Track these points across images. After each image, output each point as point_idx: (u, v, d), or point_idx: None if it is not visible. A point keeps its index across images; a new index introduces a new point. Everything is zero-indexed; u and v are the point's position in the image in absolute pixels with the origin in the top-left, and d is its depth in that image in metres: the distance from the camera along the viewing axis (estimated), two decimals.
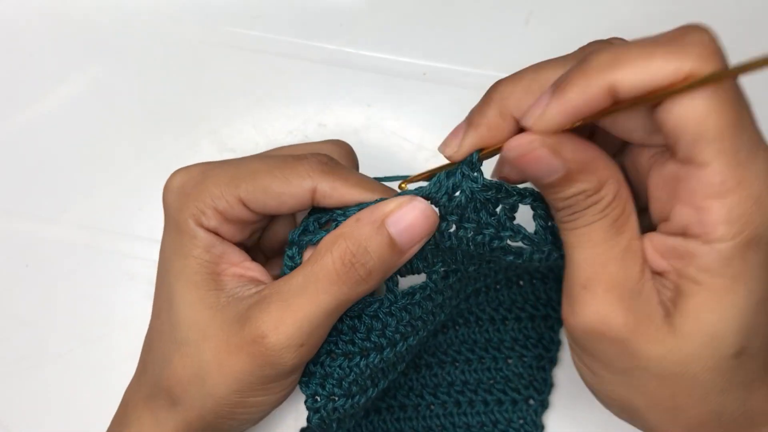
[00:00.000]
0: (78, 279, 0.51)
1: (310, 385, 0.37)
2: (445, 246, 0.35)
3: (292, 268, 0.36)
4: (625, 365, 0.30)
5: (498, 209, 0.35)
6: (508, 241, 0.36)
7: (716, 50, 0.26)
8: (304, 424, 0.47)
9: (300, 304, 0.34)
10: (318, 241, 0.35)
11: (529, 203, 0.35)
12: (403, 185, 0.37)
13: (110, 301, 0.51)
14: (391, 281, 0.36)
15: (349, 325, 0.37)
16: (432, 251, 0.36)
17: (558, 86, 0.29)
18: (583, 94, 0.28)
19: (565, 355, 0.48)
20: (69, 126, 0.54)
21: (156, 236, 0.39)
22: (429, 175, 0.36)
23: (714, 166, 0.27)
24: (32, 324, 0.51)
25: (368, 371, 0.37)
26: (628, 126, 0.31)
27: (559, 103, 0.28)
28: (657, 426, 0.32)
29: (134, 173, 0.53)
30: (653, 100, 0.27)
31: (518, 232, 0.35)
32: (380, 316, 0.36)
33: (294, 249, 0.36)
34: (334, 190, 0.35)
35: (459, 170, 0.33)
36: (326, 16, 0.55)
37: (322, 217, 0.36)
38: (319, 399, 0.37)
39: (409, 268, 0.36)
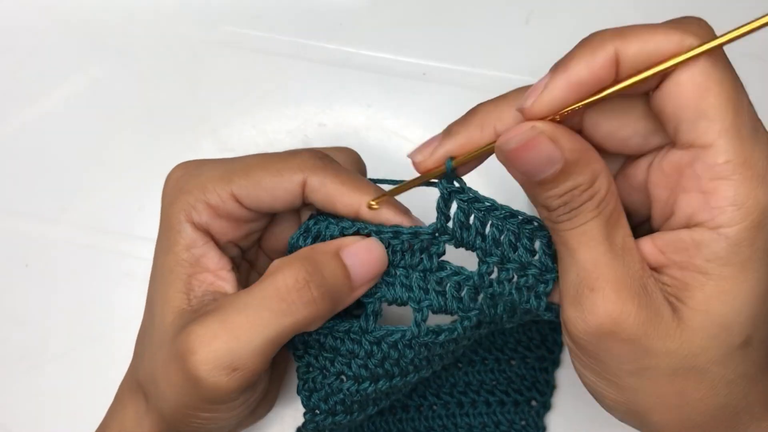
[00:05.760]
0: (78, 279, 0.51)
1: (312, 399, 0.37)
2: (487, 292, 0.34)
3: None
4: (635, 366, 0.30)
5: (536, 246, 0.33)
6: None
7: (713, 33, 0.27)
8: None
9: (238, 322, 0.32)
10: None
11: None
12: (372, 204, 0.35)
13: (110, 301, 0.51)
14: (420, 314, 0.35)
15: (366, 350, 0.36)
16: (470, 294, 0.35)
17: (559, 64, 0.28)
18: (589, 65, 0.27)
19: (568, 356, 0.47)
20: (69, 126, 0.54)
21: (156, 236, 0.39)
22: (406, 188, 0.35)
23: (718, 145, 0.26)
24: (32, 324, 0.51)
25: (374, 395, 0.37)
26: (625, 133, 0.30)
27: (563, 77, 0.27)
28: (662, 427, 0.31)
29: (134, 173, 0.53)
30: (656, 70, 0.27)
31: None
32: (399, 347, 0.35)
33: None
34: (322, 186, 0.35)
35: (439, 184, 0.32)
36: (326, 16, 0.55)
37: (349, 228, 0.35)
38: (318, 412, 0.37)
39: (441, 307, 0.35)
